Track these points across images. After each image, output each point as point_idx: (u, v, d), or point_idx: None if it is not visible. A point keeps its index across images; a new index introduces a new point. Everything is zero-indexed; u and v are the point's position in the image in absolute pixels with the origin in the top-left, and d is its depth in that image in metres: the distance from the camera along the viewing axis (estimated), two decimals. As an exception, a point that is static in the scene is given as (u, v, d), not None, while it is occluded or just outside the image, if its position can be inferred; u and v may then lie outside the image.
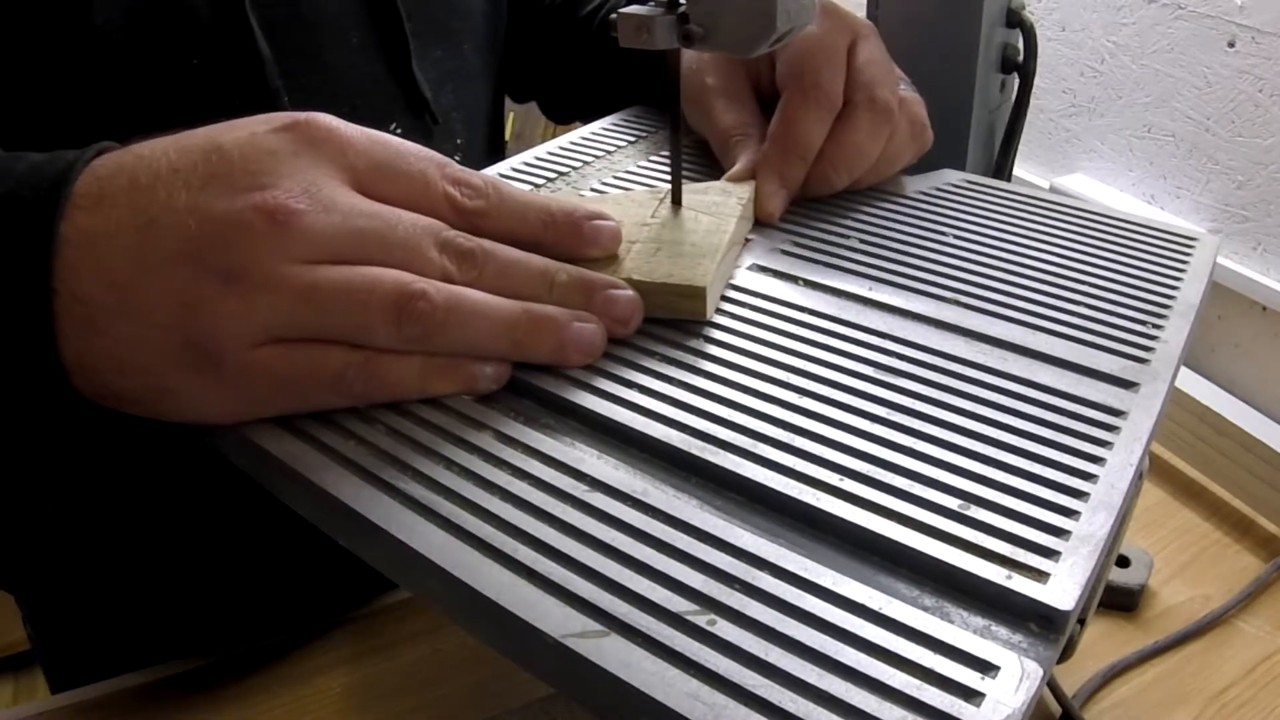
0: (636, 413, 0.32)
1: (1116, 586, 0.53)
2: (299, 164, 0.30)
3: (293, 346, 0.30)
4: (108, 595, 0.56)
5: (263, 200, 0.29)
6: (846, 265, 0.41)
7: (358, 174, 0.32)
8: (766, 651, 0.24)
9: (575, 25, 0.66)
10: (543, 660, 0.25)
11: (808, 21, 0.38)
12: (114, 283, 0.28)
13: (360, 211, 0.31)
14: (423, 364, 0.32)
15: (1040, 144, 0.90)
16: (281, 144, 0.31)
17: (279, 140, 0.31)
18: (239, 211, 0.29)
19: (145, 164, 0.30)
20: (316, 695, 0.49)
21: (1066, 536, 0.27)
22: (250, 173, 0.30)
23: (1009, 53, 0.53)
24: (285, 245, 0.29)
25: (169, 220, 0.29)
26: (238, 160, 0.30)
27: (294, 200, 0.29)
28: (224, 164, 0.30)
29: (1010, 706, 0.23)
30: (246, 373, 0.30)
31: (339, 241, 0.30)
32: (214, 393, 0.30)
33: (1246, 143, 0.71)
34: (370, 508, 0.29)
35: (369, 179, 0.32)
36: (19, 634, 1.60)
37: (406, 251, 0.31)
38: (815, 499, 0.28)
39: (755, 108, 0.48)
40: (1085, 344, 0.36)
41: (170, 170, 0.29)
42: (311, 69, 0.38)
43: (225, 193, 0.29)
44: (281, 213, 0.29)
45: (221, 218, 0.29)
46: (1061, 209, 0.46)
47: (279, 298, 0.29)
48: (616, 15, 0.37)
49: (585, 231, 0.36)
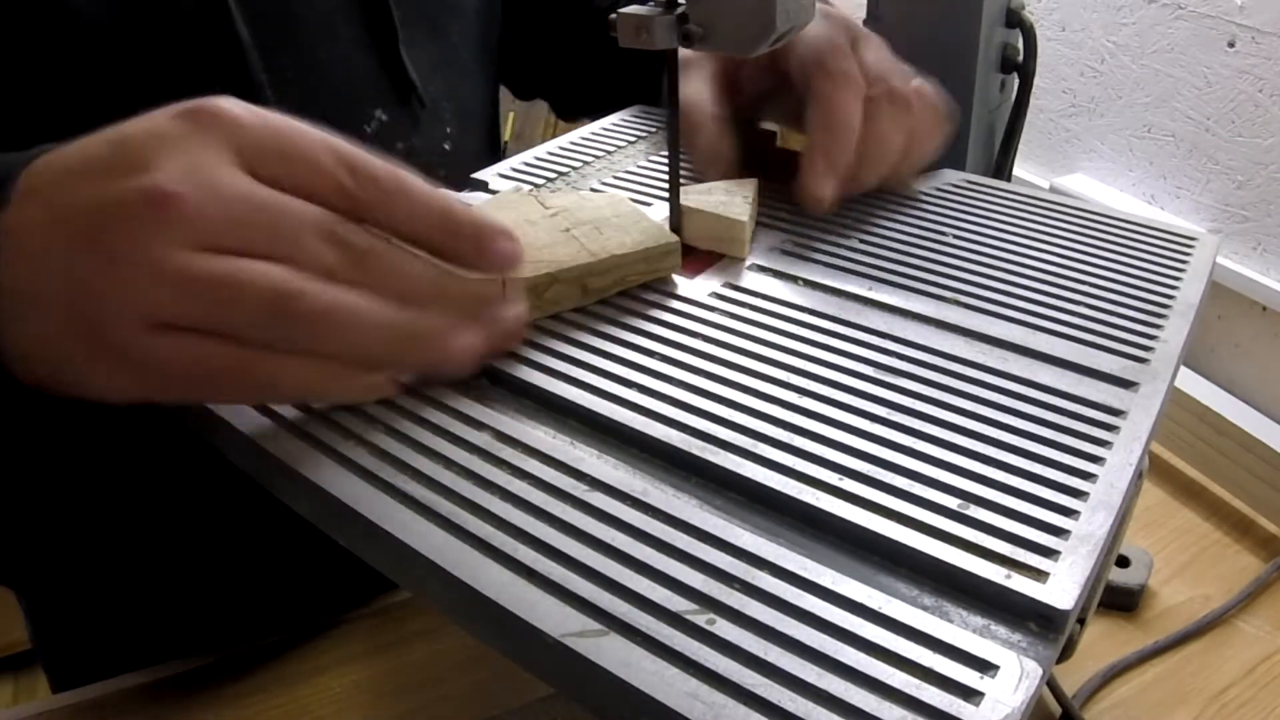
0: (636, 413, 0.32)
1: (1116, 586, 0.53)
2: (187, 146, 0.30)
3: (181, 335, 0.29)
4: (109, 594, 0.56)
5: (143, 184, 0.29)
6: (846, 265, 0.41)
7: (247, 156, 0.31)
8: (766, 651, 0.24)
9: (589, 18, 0.66)
10: (542, 660, 0.25)
11: (807, 21, 0.38)
12: (27, 273, 0.29)
13: (243, 196, 0.30)
14: (308, 367, 0.30)
15: (1040, 144, 0.90)
16: (173, 128, 0.30)
17: (172, 125, 0.30)
18: (122, 194, 0.29)
19: (64, 159, 0.31)
20: (316, 695, 0.49)
21: (1066, 536, 0.27)
22: (140, 157, 0.30)
23: (1009, 53, 0.53)
24: (165, 230, 0.29)
25: (69, 207, 0.30)
26: (133, 147, 0.30)
27: (174, 184, 0.29)
28: (122, 152, 0.30)
29: (1009, 705, 0.23)
30: (143, 357, 0.29)
31: (220, 226, 0.29)
32: (118, 376, 0.30)
33: (1246, 143, 0.71)
34: (370, 507, 0.29)
35: (259, 161, 0.31)
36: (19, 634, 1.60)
37: (290, 243, 0.30)
38: (815, 498, 0.28)
39: (720, 88, 0.48)
40: (1085, 344, 0.36)
41: (80, 162, 0.30)
42: (296, 56, 0.38)
43: (116, 178, 0.29)
44: (160, 196, 0.29)
45: (108, 202, 0.29)
46: (1061, 209, 0.46)
47: (157, 283, 0.29)
48: (616, 15, 0.37)
49: (486, 249, 0.33)
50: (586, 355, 0.35)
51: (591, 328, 0.36)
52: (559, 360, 0.35)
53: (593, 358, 0.35)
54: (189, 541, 0.53)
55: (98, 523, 0.51)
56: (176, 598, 0.55)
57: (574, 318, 0.37)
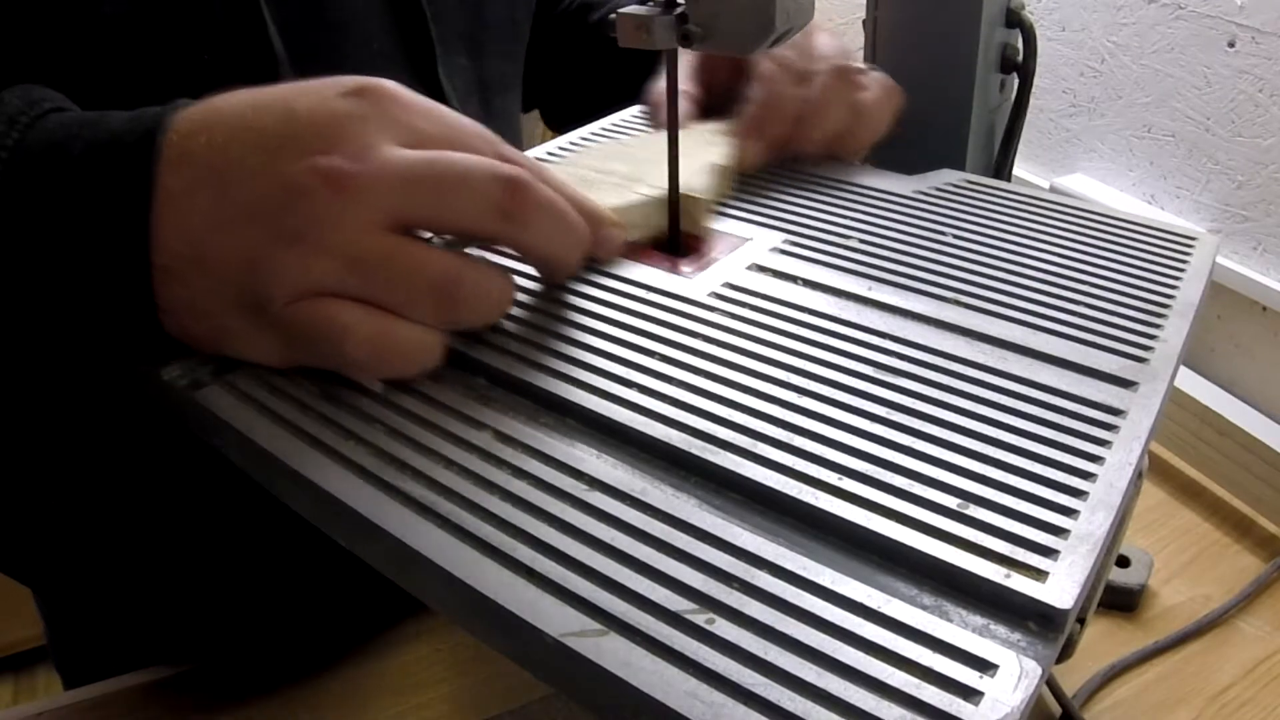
0: (636, 412, 0.32)
1: (1116, 586, 0.53)
2: (361, 125, 0.32)
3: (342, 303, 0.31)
4: (121, 594, 0.56)
5: (323, 165, 0.30)
6: (846, 265, 0.41)
7: (416, 136, 0.33)
8: (765, 650, 0.24)
9: (586, 31, 0.66)
10: (542, 659, 0.25)
11: (806, 21, 0.38)
12: (191, 239, 0.31)
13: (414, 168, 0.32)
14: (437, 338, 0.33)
15: (1040, 144, 0.90)
16: (346, 106, 0.32)
17: (345, 103, 0.32)
18: (301, 174, 0.30)
19: (223, 122, 0.32)
20: (316, 694, 0.49)
21: (1065, 535, 0.27)
22: (317, 136, 0.31)
23: (1009, 53, 0.53)
24: (344, 210, 0.30)
25: (241, 180, 0.31)
26: (306, 123, 0.31)
27: (353, 165, 0.31)
28: (294, 126, 0.31)
29: (1009, 705, 0.23)
30: (303, 323, 0.31)
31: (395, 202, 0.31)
32: (274, 341, 0.32)
33: (1246, 143, 0.71)
34: (370, 507, 0.29)
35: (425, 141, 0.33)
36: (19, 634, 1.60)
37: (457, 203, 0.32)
38: (814, 498, 0.28)
39: (692, 76, 0.52)
40: (1085, 343, 0.36)
41: (244, 129, 0.31)
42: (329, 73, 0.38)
43: (292, 156, 0.31)
44: (340, 176, 0.30)
45: (287, 182, 0.31)
46: (1061, 209, 0.46)
47: (333, 261, 0.31)
48: (616, 15, 0.37)
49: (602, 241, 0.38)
50: (586, 355, 0.35)
51: (591, 328, 0.36)
52: (559, 360, 0.35)
53: (593, 358, 0.35)
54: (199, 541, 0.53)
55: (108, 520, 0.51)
56: (185, 598, 0.55)
57: (573, 317, 0.37)
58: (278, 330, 0.32)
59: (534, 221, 0.34)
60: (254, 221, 0.31)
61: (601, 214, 0.38)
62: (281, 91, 0.32)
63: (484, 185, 0.32)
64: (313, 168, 0.30)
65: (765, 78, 0.48)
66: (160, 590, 0.55)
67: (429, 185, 0.32)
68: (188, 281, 0.31)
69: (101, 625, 0.58)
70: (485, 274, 0.34)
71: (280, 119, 0.31)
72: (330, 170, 0.30)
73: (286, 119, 0.31)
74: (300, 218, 0.30)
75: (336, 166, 0.30)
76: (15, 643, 1.53)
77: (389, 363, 0.32)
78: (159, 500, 0.51)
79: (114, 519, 0.51)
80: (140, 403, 0.37)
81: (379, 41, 0.50)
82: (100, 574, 0.54)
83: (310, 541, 0.35)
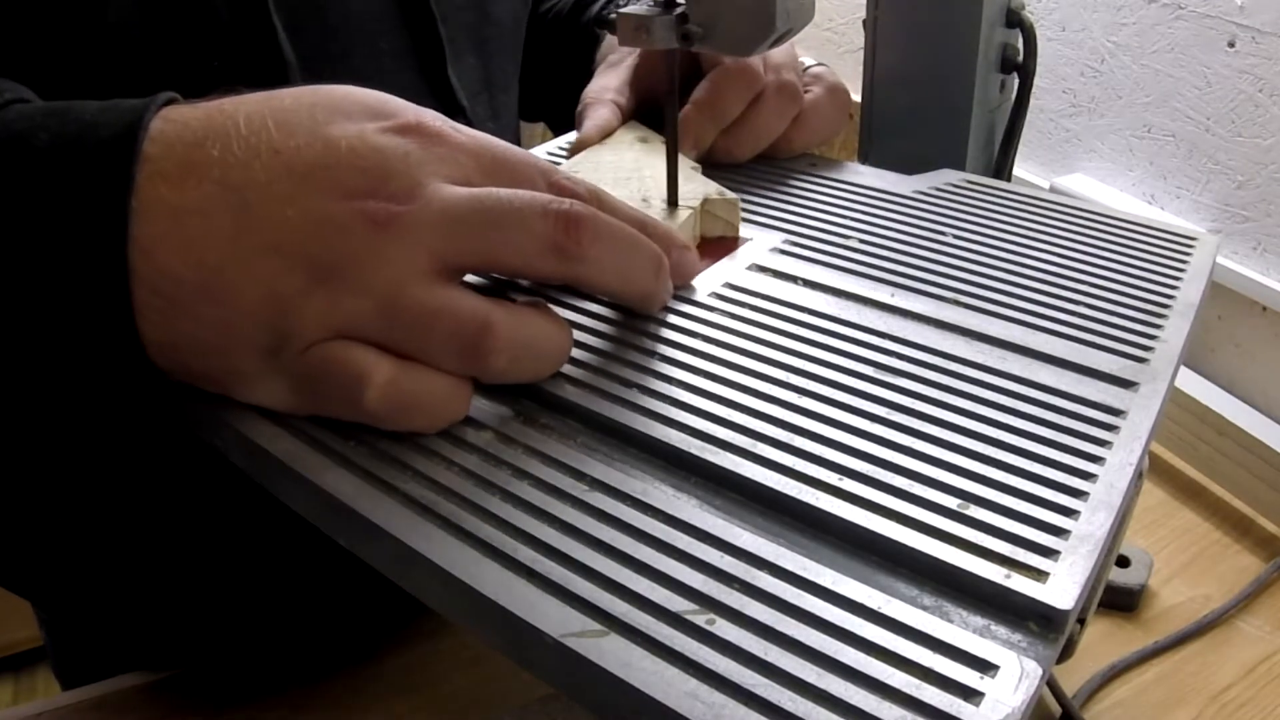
0: (636, 412, 0.32)
1: (1116, 586, 0.53)
2: (409, 166, 0.29)
3: (359, 348, 0.29)
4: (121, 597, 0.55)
5: (368, 208, 0.28)
6: (846, 265, 0.41)
7: (469, 178, 0.31)
8: (766, 651, 0.24)
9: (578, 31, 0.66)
10: (542, 660, 0.25)
11: (806, 21, 0.38)
12: (203, 263, 0.27)
13: (465, 210, 0.30)
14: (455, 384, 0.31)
15: (1040, 144, 0.90)
16: (393, 144, 0.30)
17: (392, 141, 0.30)
18: (343, 213, 0.28)
19: (239, 135, 0.28)
20: (316, 695, 0.49)
21: (1066, 536, 0.27)
22: (360, 173, 0.29)
23: (1009, 53, 0.53)
24: (386, 253, 0.28)
25: (267, 207, 0.28)
26: (345, 156, 0.29)
27: (400, 208, 0.28)
28: (330, 157, 0.29)
29: (1009, 705, 0.23)
30: (304, 364, 0.29)
31: (441, 246, 0.29)
32: (278, 382, 0.30)
33: (1246, 143, 0.71)
34: (370, 508, 0.29)
35: (479, 183, 0.31)
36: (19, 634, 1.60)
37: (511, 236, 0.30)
38: (815, 498, 0.28)
39: (626, 80, 0.52)
40: (1085, 343, 0.36)
41: (270, 151, 0.28)
42: (339, 75, 0.38)
43: (331, 191, 0.28)
44: (386, 219, 0.28)
45: (324, 216, 0.28)
46: (1061, 209, 0.46)
47: (364, 304, 0.28)
48: (616, 15, 0.37)
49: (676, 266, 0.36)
50: (586, 355, 0.35)
51: (590, 327, 0.36)
52: (559, 360, 0.35)
53: (593, 357, 0.35)
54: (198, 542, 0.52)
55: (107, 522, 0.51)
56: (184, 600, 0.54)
57: (571, 317, 0.37)
58: (293, 374, 0.30)
59: (594, 256, 0.31)
60: (280, 253, 0.28)
61: (672, 235, 0.36)
62: (309, 109, 0.30)
63: (536, 223, 0.30)
64: (357, 209, 0.28)
65: (717, 79, 0.48)
66: (159, 592, 0.54)
67: (477, 225, 0.29)
68: (196, 314, 0.28)
69: (100, 629, 0.58)
70: (526, 321, 0.31)
71: (318, 149, 0.29)
72: (377, 214, 0.28)
73: (326, 150, 0.29)
74: (336, 254, 0.28)
75: (384, 210, 0.28)
76: (15, 643, 1.53)
77: (408, 414, 0.30)
78: (158, 502, 0.51)
79: (113, 521, 0.51)
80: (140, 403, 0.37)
81: (388, 43, 0.50)
82: (99, 577, 0.54)
83: (311, 542, 0.35)
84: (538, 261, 0.31)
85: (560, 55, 0.67)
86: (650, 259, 0.34)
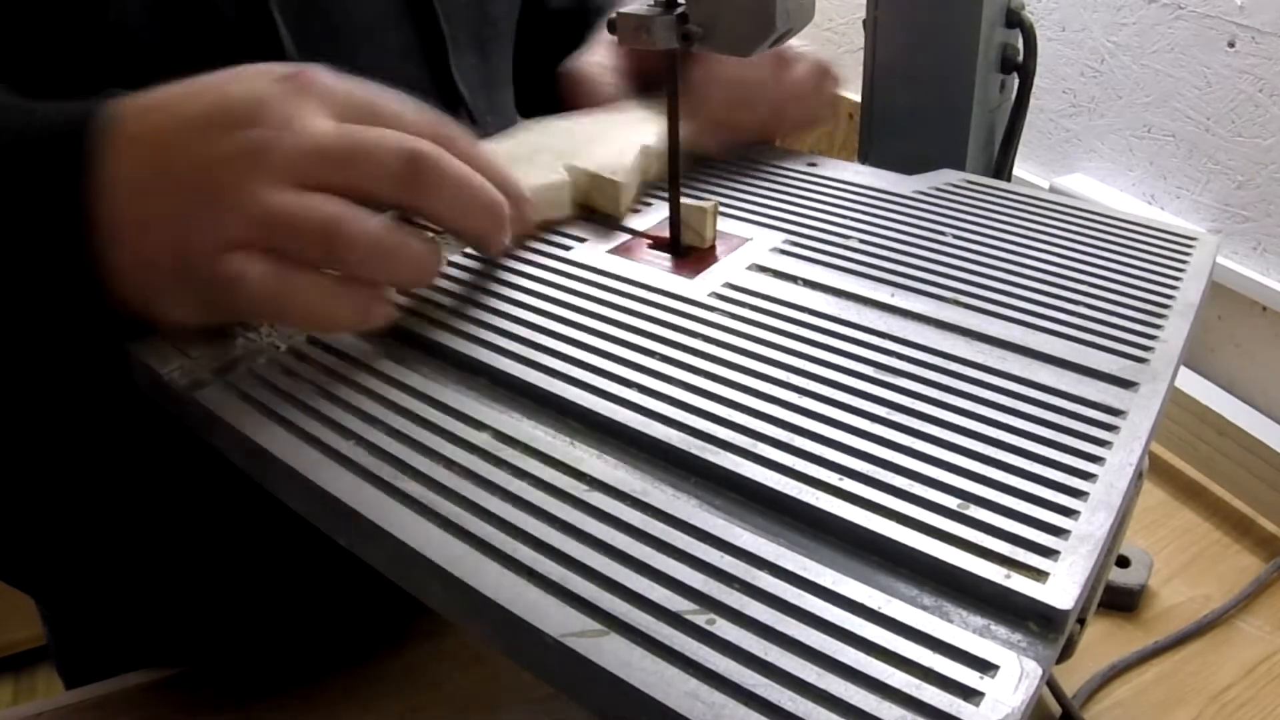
0: (636, 412, 0.32)
1: (1116, 586, 0.53)
2: (285, 104, 0.34)
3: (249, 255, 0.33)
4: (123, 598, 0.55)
5: (247, 138, 0.33)
6: (846, 265, 0.41)
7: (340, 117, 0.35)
8: (766, 651, 0.24)
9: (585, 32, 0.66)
10: (542, 660, 0.25)
11: (806, 21, 0.38)
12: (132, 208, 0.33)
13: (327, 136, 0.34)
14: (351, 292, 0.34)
15: (1040, 144, 0.90)
16: (272, 89, 0.34)
17: (271, 87, 0.34)
18: (226, 148, 0.33)
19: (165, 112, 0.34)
20: (317, 695, 0.49)
21: (1066, 536, 0.27)
22: (245, 115, 0.34)
23: (1009, 53, 0.53)
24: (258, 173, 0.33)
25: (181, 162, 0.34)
26: (237, 107, 0.34)
27: (272, 135, 0.33)
28: (225, 106, 0.34)
29: (1009, 705, 0.23)
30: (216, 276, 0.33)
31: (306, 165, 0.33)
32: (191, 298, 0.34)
33: (1246, 143, 0.71)
34: (370, 507, 0.29)
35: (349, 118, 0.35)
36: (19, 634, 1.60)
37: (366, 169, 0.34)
38: (815, 498, 0.28)
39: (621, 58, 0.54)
40: (1084, 343, 0.36)
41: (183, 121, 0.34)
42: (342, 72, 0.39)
43: (221, 132, 0.33)
44: (260, 145, 0.33)
45: (216, 157, 0.33)
46: (1061, 209, 0.46)
47: (242, 215, 0.33)
48: (616, 15, 0.37)
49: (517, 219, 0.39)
50: (586, 355, 0.35)
51: (591, 328, 0.36)
52: (559, 360, 0.35)
53: (593, 358, 0.35)
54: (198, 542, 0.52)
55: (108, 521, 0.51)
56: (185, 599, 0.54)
57: (572, 317, 0.37)
58: (195, 288, 0.34)
59: (436, 193, 0.35)
60: (187, 190, 0.33)
61: (519, 192, 0.39)
62: (218, 77, 0.35)
63: (387, 157, 0.34)
64: (238, 141, 0.33)
65: (707, 61, 0.49)
66: (160, 591, 0.54)
67: (337, 155, 0.34)
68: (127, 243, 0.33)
69: (102, 628, 0.58)
70: (380, 224, 0.35)
71: (214, 105, 0.34)
72: (249, 139, 0.33)
73: (219, 105, 0.34)
74: (223, 182, 0.33)
75: (256, 136, 0.33)
76: (15, 643, 1.53)
77: (286, 308, 0.34)
78: (158, 501, 0.51)
79: (114, 520, 0.51)
80: (140, 403, 0.37)
81: (392, 41, 0.50)
82: (100, 576, 0.54)
83: (311, 542, 0.35)
84: (386, 190, 0.35)
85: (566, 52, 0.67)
86: (490, 208, 0.37)
